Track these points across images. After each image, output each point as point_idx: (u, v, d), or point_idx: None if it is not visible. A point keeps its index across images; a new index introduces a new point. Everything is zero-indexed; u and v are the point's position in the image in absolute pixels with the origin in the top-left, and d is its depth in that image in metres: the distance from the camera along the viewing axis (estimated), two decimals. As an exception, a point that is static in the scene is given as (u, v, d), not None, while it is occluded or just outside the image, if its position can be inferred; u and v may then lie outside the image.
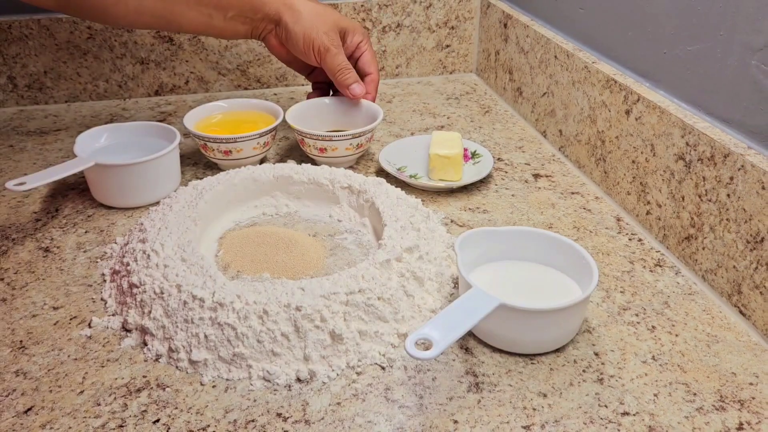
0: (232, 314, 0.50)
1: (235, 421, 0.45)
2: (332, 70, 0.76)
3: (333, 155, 0.75)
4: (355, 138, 0.74)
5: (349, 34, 0.78)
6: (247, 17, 0.74)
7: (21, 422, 0.45)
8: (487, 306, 0.47)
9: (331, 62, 0.76)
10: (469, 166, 0.77)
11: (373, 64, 0.80)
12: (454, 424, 0.45)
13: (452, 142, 0.74)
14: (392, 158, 0.77)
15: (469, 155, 0.79)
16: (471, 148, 0.79)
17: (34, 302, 0.57)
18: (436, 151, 0.72)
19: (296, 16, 0.74)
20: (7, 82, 0.95)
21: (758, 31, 0.53)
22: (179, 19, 0.72)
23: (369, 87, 0.80)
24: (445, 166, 0.72)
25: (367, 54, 0.80)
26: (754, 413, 0.46)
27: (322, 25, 0.74)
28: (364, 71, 0.80)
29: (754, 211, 0.52)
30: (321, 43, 0.74)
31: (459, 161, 0.72)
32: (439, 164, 0.72)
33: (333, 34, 0.75)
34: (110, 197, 0.70)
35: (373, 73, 0.80)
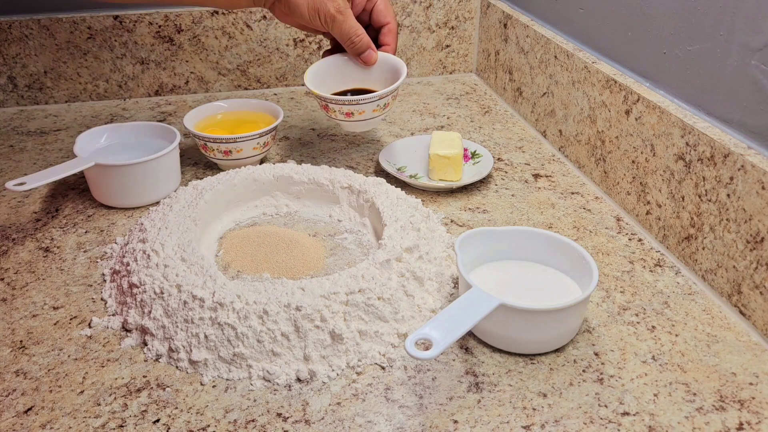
0: (232, 314, 0.50)
1: (235, 421, 0.45)
2: (341, 39, 0.72)
3: (360, 118, 0.72)
4: (382, 99, 0.71)
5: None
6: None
7: (21, 422, 0.45)
8: (487, 306, 0.47)
9: (340, 30, 0.71)
10: (469, 166, 0.77)
11: (389, 13, 0.75)
12: (454, 424, 0.45)
13: (452, 142, 0.74)
14: (392, 158, 0.78)
15: (469, 155, 0.79)
16: (471, 148, 0.79)
17: (35, 302, 0.57)
18: (436, 152, 0.72)
19: None
20: (7, 82, 0.95)
21: (758, 31, 0.53)
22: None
23: (387, 38, 0.75)
24: (444, 166, 0.72)
25: (380, 4, 0.74)
26: (754, 413, 0.46)
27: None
28: (380, 22, 0.75)
29: (754, 211, 0.52)
30: (326, 12, 0.69)
31: (459, 161, 0.72)
32: (439, 164, 0.72)
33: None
34: (110, 197, 0.70)
35: (390, 22, 0.75)
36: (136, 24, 0.95)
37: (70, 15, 0.93)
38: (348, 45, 0.72)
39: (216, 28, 0.97)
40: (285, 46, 1.01)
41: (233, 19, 0.98)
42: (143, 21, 0.95)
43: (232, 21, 0.98)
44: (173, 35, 0.97)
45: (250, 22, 0.98)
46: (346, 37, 0.71)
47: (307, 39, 1.01)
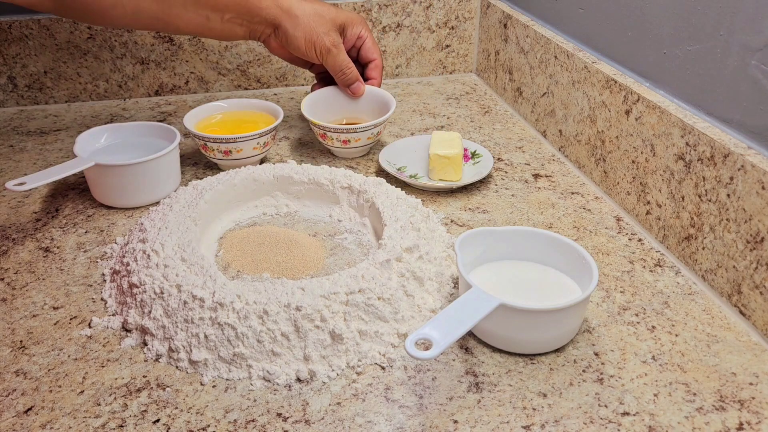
0: (232, 314, 0.50)
1: (235, 421, 0.45)
2: (334, 71, 0.79)
3: (355, 146, 0.79)
4: (375, 127, 0.78)
5: (348, 27, 0.79)
6: (244, 20, 0.75)
7: (21, 422, 0.45)
8: (487, 306, 0.47)
9: (333, 63, 0.78)
10: (469, 166, 0.77)
11: (375, 50, 0.82)
12: (454, 424, 0.45)
13: (452, 142, 0.74)
14: (392, 158, 0.78)
15: (468, 155, 0.79)
16: (471, 148, 0.79)
17: (35, 302, 0.57)
18: (436, 152, 0.72)
19: (294, 20, 0.75)
20: (7, 82, 0.95)
21: (758, 31, 0.53)
22: (176, 21, 0.72)
23: (373, 73, 0.82)
24: (444, 167, 0.72)
25: (368, 41, 0.81)
26: (754, 413, 0.46)
27: (321, 26, 0.76)
28: (367, 58, 0.82)
29: (754, 211, 0.52)
30: (322, 45, 0.76)
31: (459, 161, 0.72)
32: (439, 164, 0.72)
33: (333, 33, 0.77)
34: (110, 197, 0.70)
35: (376, 59, 0.82)
36: (136, 24, 0.95)
37: (70, 15, 0.93)
38: (339, 76, 0.80)
39: (216, 28, 0.97)
40: (285, 46, 1.01)
41: (233, 19, 0.98)
42: (143, 21, 0.95)
43: (232, 21, 0.98)
44: (173, 35, 0.97)
45: (250, 22, 0.98)
46: (338, 69, 0.79)
47: (307, 39, 1.01)
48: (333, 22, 0.77)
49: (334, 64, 0.78)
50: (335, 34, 0.77)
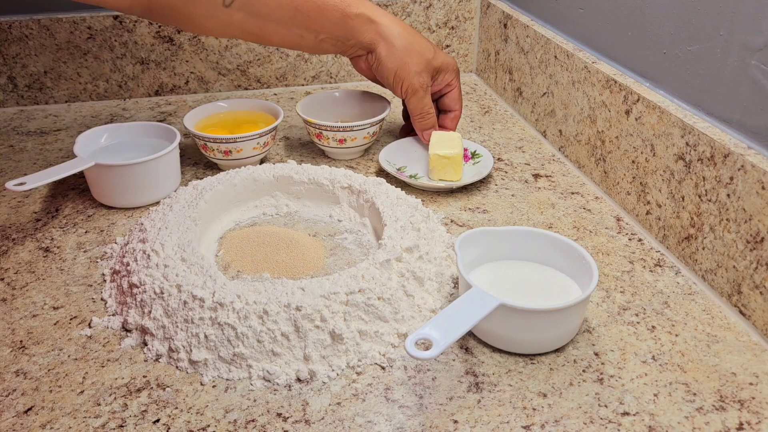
0: (232, 314, 0.50)
1: (235, 421, 0.45)
2: (414, 112, 0.77)
3: (351, 145, 0.78)
4: (372, 126, 0.78)
5: (442, 72, 0.77)
6: (338, 41, 0.73)
7: (21, 422, 0.45)
8: (487, 306, 0.47)
9: (416, 105, 0.76)
10: (469, 166, 0.77)
11: (459, 102, 0.80)
12: (454, 424, 0.45)
13: (452, 142, 0.73)
14: (392, 158, 0.78)
15: (469, 155, 0.78)
16: (471, 148, 0.79)
17: (35, 302, 0.57)
18: (436, 152, 0.71)
19: (390, 49, 0.73)
20: (7, 82, 0.95)
21: (758, 31, 0.53)
22: (269, 36, 0.71)
23: (450, 123, 0.80)
24: (444, 167, 0.72)
25: (455, 92, 0.79)
26: (754, 413, 0.46)
27: (415, 65, 0.73)
28: (449, 108, 0.80)
29: (754, 211, 0.52)
30: (410, 84, 0.74)
31: (459, 161, 0.71)
32: (439, 164, 0.72)
33: (425, 75, 0.75)
34: (110, 197, 0.70)
35: (456, 111, 0.80)
36: (136, 24, 0.95)
37: (70, 15, 0.93)
38: (417, 120, 0.77)
39: (216, 28, 0.97)
40: (285, 46, 1.01)
41: (233, 19, 0.97)
42: (143, 21, 0.95)
43: (232, 21, 0.98)
44: (173, 35, 0.97)
45: (250, 22, 0.98)
46: (418, 113, 0.76)
47: (307, 39, 1.01)
48: (428, 63, 0.74)
49: (416, 106, 0.76)
50: (427, 76, 0.75)
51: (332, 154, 0.81)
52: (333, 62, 1.04)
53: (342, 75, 1.06)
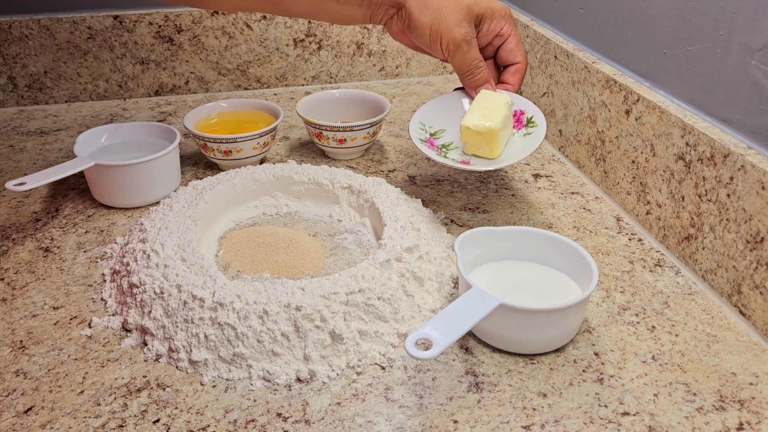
0: (232, 314, 0.50)
1: (235, 421, 0.45)
2: (460, 69, 0.66)
3: (351, 145, 0.78)
4: (372, 126, 0.77)
5: (487, 19, 0.65)
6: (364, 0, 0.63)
7: (21, 422, 0.45)
8: (487, 306, 0.47)
9: (461, 61, 0.64)
10: (519, 137, 0.63)
11: (519, 52, 0.67)
12: (454, 424, 0.45)
13: (495, 109, 0.61)
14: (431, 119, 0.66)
15: (523, 121, 0.65)
16: (528, 112, 0.65)
17: (35, 302, 0.57)
18: (468, 123, 0.61)
19: (422, 2, 0.62)
20: (7, 82, 0.95)
21: (758, 31, 0.53)
22: (287, 2, 0.63)
23: (512, 78, 0.68)
24: (477, 142, 0.61)
25: (511, 41, 0.67)
26: (754, 413, 0.46)
27: (452, 15, 0.62)
28: (508, 60, 0.68)
29: (754, 211, 0.52)
30: (450, 39, 0.62)
31: (494, 136, 0.60)
32: (471, 139, 0.61)
33: (466, 24, 0.63)
34: (110, 197, 0.70)
35: (519, 62, 0.68)
36: (136, 24, 0.95)
37: (70, 15, 0.93)
38: (467, 77, 0.66)
39: (216, 28, 0.97)
40: (285, 46, 1.01)
41: (233, 19, 0.98)
42: (143, 21, 0.95)
43: (232, 21, 0.98)
44: (173, 35, 0.97)
45: (250, 22, 0.98)
46: (465, 69, 0.65)
47: (307, 39, 1.01)
48: (468, 10, 0.63)
49: (462, 62, 0.64)
50: (468, 25, 0.63)
51: (332, 154, 0.81)
52: (333, 62, 1.04)
53: (342, 75, 1.06)
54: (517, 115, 0.65)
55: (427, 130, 0.66)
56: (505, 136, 0.62)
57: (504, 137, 0.61)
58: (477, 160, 0.63)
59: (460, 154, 0.63)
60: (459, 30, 0.62)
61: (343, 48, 1.03)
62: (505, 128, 0.61)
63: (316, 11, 0.64)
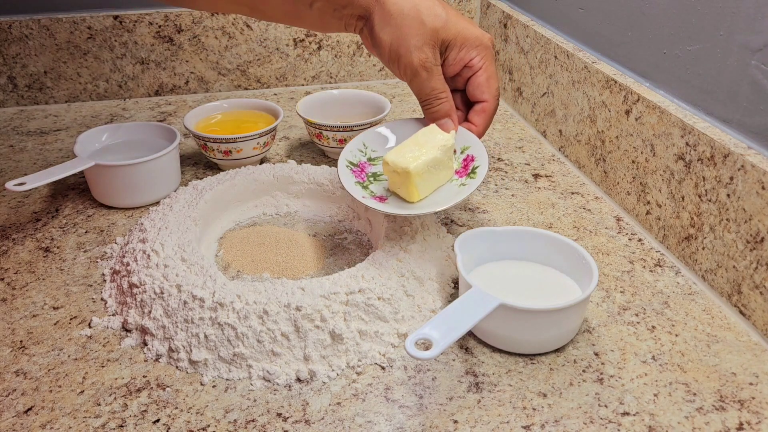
0: (232, 314, 0.50)
1: (235, 421, 0.45)
2: (418, 97, 0.59)
3: None
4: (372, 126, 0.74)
5: (454, 47, 0.58)
6: (335, 9, 0.57)
7: (21, 422, 0.45)
8: (487, 306, 0.47)
9: (418, 88, 0.58)
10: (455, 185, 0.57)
11: (488, 89, 0.59)
12: (454, 424, 0.45)
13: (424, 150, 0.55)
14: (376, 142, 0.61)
15: (469, 169, 0.58)
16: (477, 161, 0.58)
17: (35, 302, 0.57)
18: (388, 158, 0.54)
19: (386, 18, 0.56)
20: (7, 82, 0.95)
21: (757, 31, 0.53)
22: (263, 6, 0.59)
23: (477, 118, 0.60)
24: (396, 181, 0.55)
25: (480, 75, 0.59)
26: (754, 413, 0.46)
27: (414, 37, 0.55)
28: (474, 96, 0.60)
29: (754, 211, 0.52)
30: (408, 63, 0.56)
31: (410, 179, 0.53)
32: (391, 176, 0.55)
33: (428, 49, 0.56)
34: (110, 197, 0.70)
35: (485, 101, 0.60)
36: (136, 24, 0.95)
37: (70, 15, 0.93)
38: (425, 106, 0.59)
39: (216, 28, 0.97)
40: (285, 46, 1.01)
41: (233, 19, 0.98)
42: (143, 21, 0.95)
43: (232, 21, 0.98)
44: (173, 35, 0.97)
45: (250, 22, 0.98)
46: (423, 97, 0.59)
47: (307, 39, 1.01)
48: (433, 34, 0.56)
49: (419, 90, 0.58)
50: (430, 50, 0.56)
51: (332, 154, 0.81)
52: (333, 62, 1.04)
53: (342, 75, 1.06)
54: (467, 161, 0.58)
55: (367, 153, 0.60)
56: (431, 180, 0.55)
57: (427, 182, 0.55)
58: (394, 200, 0.56)
59: (384, 189, 0.57)
60: (418, 54, 0.56)
61: (343, 48, 1.03)
62: (431, 173, 0.55)
63: (293, 18, 0.60)
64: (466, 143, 0.59)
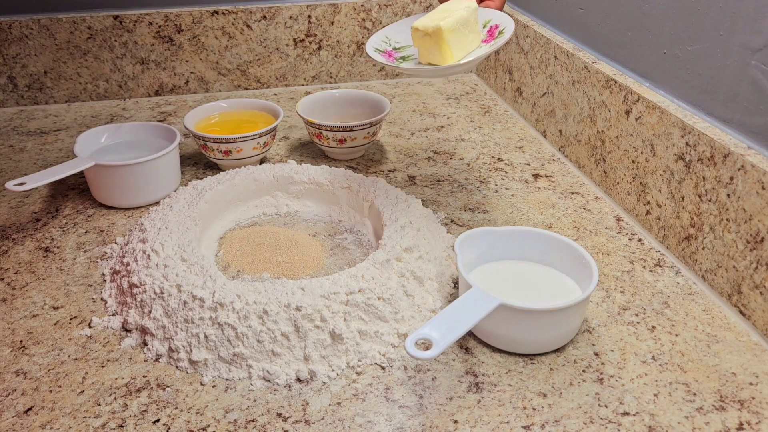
0: (232, 314, 0.50)
1: (235, 421, 0.45)
2: None
3: (351, 145, 0.77)
4: (372, 126, 0.77)
5: None
6: None
7: (21, 422, 0.45)
8: (487, 306, 0.47)
9: None
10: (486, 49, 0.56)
11: None
12: (454, 424, 0.45)
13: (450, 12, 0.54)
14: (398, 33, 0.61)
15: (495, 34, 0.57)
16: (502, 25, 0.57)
17: (35, 302, 0.57)
18: (417, 24, 0.54)
19: None
20: (7, 82, 0.95)
21: (758, 31, 0.53)
22: None
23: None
24: (428, 46, 0.54)
25: None
26: (754, 413, 0.46)
27: None
28: None
29: (754, 211, 0.52)
30: None
31: (441, 38, 0.53)
32: (421, 44, 0.54)
33: None
34: (110, 197, 0.70)
35: None
36: (136, 24, 0.95)
37: (70, 15, 0.93)
38: None
39: (216, 28, 0.98)
40: (285, 46, 1.01)
41: (233, 19, 0.98)
42: (143, 21, 0.95)
43: (232, 21, 0.98)
44: (173, 35, 0.97)
45: (250, 22, 0.98)
46: None
47: (307, 39, 1.01)
48: None
49: None
50: None
51: (332, 154, 0.81)
52: (333, 62, 1.04)
53: (342, 75, 1.06)
54: (491, 30, 0.58)
55: (391, 44, 0.60)
56: (462, 41, 0.55)
57: (458, 41, 0.54)
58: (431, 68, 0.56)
59: (416, 64, 0.57)
60: None
61: (343, 48, 1.03)
62: (461, 32, 0.54)
63: None
64: (487, 17, 0.59)
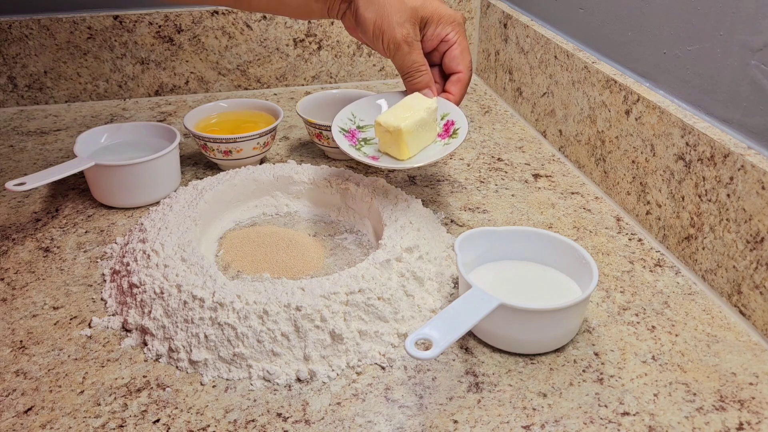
0: (232, 314, 0.50)
1: (235, 421, 0.45)
2: (401, 70, 0.65)
3: None
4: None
5: (432, 24, 0.64)
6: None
7: (21, 422, 0.45)
8: (487, 306, 0.47)
9: (401, 62, 0.64)
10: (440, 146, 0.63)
11: (462, 61, 0.66)
12: (454, 424, 0.45)
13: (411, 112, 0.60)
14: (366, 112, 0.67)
15: (450, 132, 0.64)
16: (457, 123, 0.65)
17: (35, 302, 0.57)
18: (380, 120, 0.60)
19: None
20: (7, 82, 0.95)
21: (758, 31, 0.53)
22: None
23: (453, 87, 0.67)
24: (388, 141, 0.60)
25: (455, 48, 0.66)
26: (754, 413, 0.46)
27: (396, 14, 0.62)
28: (450, 68, 0.67)
29: (754, 211, 0.52)
30: (391, 38, 0.62)
31: (401, 137, 0.59)
32: (382, 136, 0.60)
33: (409, 25, 0.63)
34: (110, 197, 0.70)
35: (460, 72, 0.66)
36: (136, 24, 0.95)
37: (70, 15, 0.93)
38: (406, 78, 0.66)
39: (216, 28, 0.97)
40: (285, 46, 1.01)
41: (233, 19, 0.98)
42: (143, 21, 0.95)
43: (232, 21, 0.98)
44: (173, 35, 0.97)
45: (250, 22, 0.98)
46: (406, 69, 0.65)
47: (306, 39, 1.01)
48: (413, 12, 0.63)
49: (402, 63, 0.64)
50: (411, 27, 0.63)
51: (332, 154, 0.81)
52: (333, 62, 1.04)
53: (342, 75, 1.06)
54: (447, 125, 0.65)
55: (356, 122, 0.66)
56: (419, 139, 0.61)
57: (415, 140, 0.60)
58: (387, 159, 0.62)
59: (376, 150, 0.63)
60: (400, 30, 0.62)
61: (343, 48, 1.03)
62: (419, 132, 0.60)
63: (275, 5, 0.65)
64: (445, 110, 0.66)
